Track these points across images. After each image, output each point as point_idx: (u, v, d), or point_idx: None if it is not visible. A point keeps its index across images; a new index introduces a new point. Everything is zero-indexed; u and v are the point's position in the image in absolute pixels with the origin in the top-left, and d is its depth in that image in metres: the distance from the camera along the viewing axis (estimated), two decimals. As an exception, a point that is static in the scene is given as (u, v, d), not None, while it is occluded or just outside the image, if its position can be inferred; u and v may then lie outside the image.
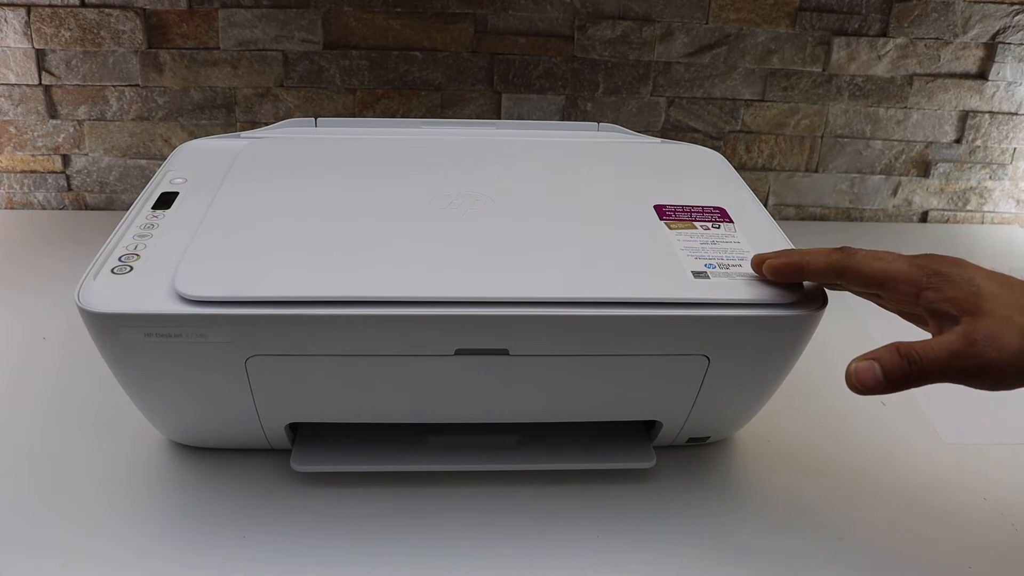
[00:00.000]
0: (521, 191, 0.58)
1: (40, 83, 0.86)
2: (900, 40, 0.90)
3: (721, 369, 0.50)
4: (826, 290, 0.50)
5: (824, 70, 0.91)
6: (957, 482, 0.58)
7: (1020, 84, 0.92)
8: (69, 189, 0.92)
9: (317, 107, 0.90)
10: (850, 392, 0.67)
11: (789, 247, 0.54)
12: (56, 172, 0.91)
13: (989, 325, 0.41)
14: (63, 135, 0.89)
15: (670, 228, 0.54)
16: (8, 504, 0.53)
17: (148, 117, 0.89)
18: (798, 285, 0.49)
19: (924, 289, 0.43)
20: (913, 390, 0.68)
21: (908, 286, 0.44)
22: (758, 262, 0.49)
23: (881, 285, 0.45)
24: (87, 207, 0.94)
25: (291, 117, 0.83)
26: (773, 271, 0.49)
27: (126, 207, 0.61)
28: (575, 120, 0.92)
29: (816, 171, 0.97)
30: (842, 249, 0.47)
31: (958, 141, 0.96)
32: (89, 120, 0.88)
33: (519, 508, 0.54)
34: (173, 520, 0.52)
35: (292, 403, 0.52)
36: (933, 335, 0.43)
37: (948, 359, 0.41)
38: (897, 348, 0.42)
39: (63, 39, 0.84)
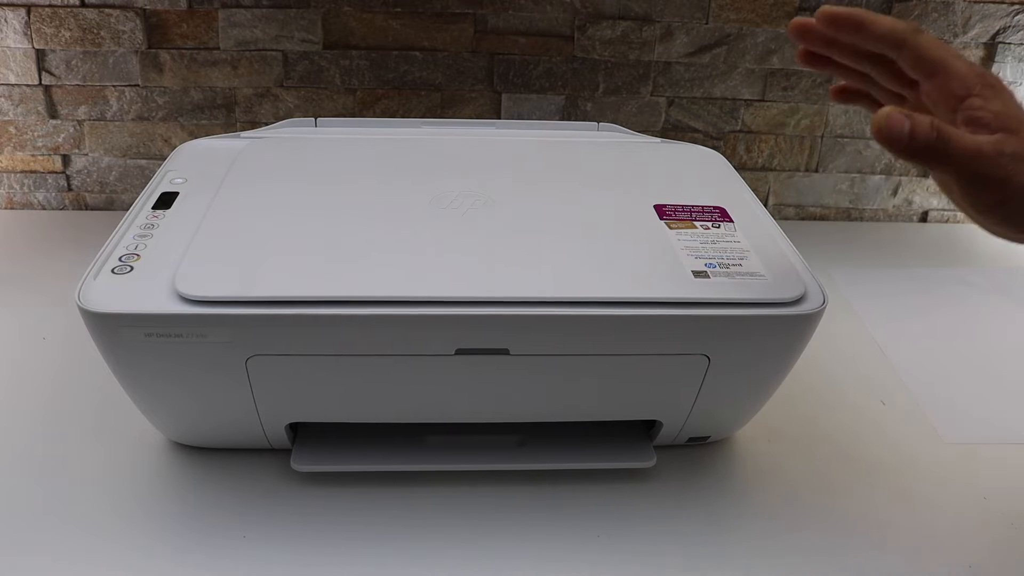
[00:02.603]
0: (521, 191, 0.58)
1: (40, 83, 0.86)
2: (900, 40, 0.90)
3: (721, 369, 0.50)
4: (825, 291, 0.50)
5: (824, 70, 0.91)
6: (957, 482, 0.58)
7: (1020, 84, 0.92)
8: (69, 189, 0.92)
9: (317, 107, 0.90)
10: (849, 391, 0.67)
11: (789, 247, 0.54)
12: (56, 172, 0.91)
13: (1021, 145, 0.41)
14: (63, 135, 0.89)
15: (670, 228, 0.54)
16: (8, 504, 0.53)
17: (148, 117, 0.89)
18: (800, 284, 0.49)
19: (974, 95, 0.43)
20: (913, 390, 0.68)
21: (960, 84, 0.43)
22: (820, 12, 0.45)
23: (934, 72, 0.43)
24: (87, 207, 0.93)
25: (291, 117, 0.83)
26: (828, 17, 0.45)
27: (126, 207, 0.61)
28: (575, 120, 0.92)
29: (816, 171, 0.97)
30: (911, 23, 0.44)
31: (958, 141, 0.96)
32: (89, 120, 0.88)
33: (519, 508, 0.54)
34: (173, 520, 0.52)
35: (292, 403, 0.52)
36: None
37: (972, 154, 0.41)
38: (932, 120, 0.41)
39: (63, 39, 0.84)
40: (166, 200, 0.56)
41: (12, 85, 0.86)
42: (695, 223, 0.55)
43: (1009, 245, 0.95)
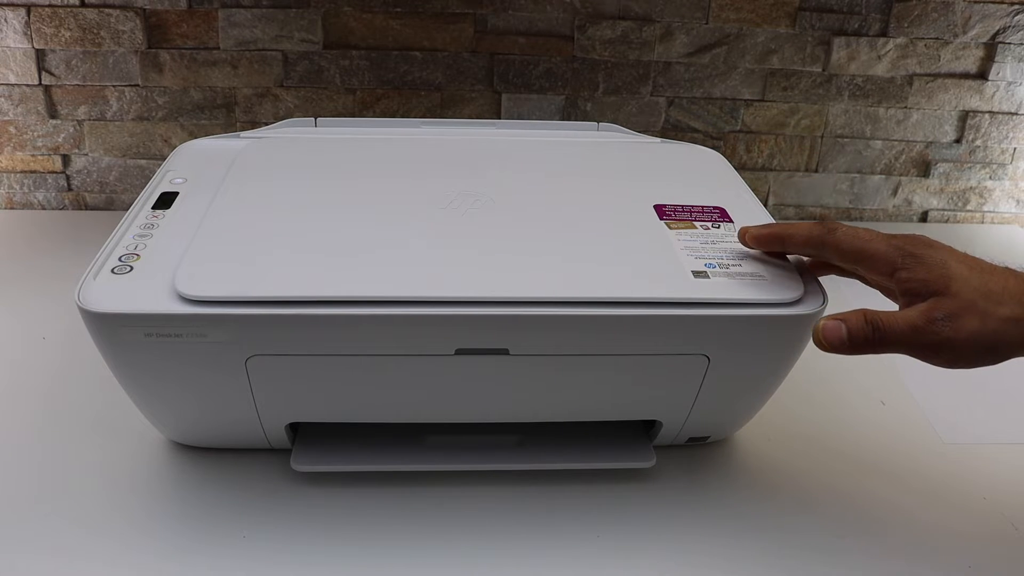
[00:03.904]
0: (521, 191, 0.58)
1: (40, 83, 0.86)
2: (900, 40, 0.90)
3: (721, 369, 0.50)
4: (825, 290, 0.50)
5: (824, 70, 0.91)
6: (957, 482, 0.58)
7: (1020, 84, 0.92)
8: (69, 189, 0.92)
9: (317, 107, 0.90)
10: (849, 391, 0.67)
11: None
12: (56, 172, 0.91)
13: (951, 305, 0.43)
14: (63, 135, 0.89)
15: (670, 228, 0.54)
16: (8, 504, 0.53)
17: (148, 117, 0.89)
18: (799, 284, 0.49)
19: (898, 269, 0.46)
20: (913, 390, 0.68)
21: (884, 265, 0.46)
22: (743, 233, 0.52)
23: (859, 261, 0.47)
24: (87, 207, 0.94)
25: (291, 117, 0.83)
26: (755, 240, 0.51)
27: (126, 207, 0.61)
28: (575, 120, 0.92)
29: (816, 171, 0.97)
30: (824, 223, 0.49)
31: (958, 141, 0.96)
32: (89, 120, 0.88)
33: (519, 508, 0.54)
34: (173, 520, 0.52)
35: (292, 403, 0.52)
36: (901, 310, 0.46)
37: (908, 332, 0.44)
38: (864, 314, 0.45)
39: (63, 39, 0.84)
40: (166, 200, 0.56)
41: (12, 85, 0.86)
42: (695, 223, 0.55)
43: (1009, 245, 0.96)
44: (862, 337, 0.45)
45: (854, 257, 0.47)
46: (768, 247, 0.51)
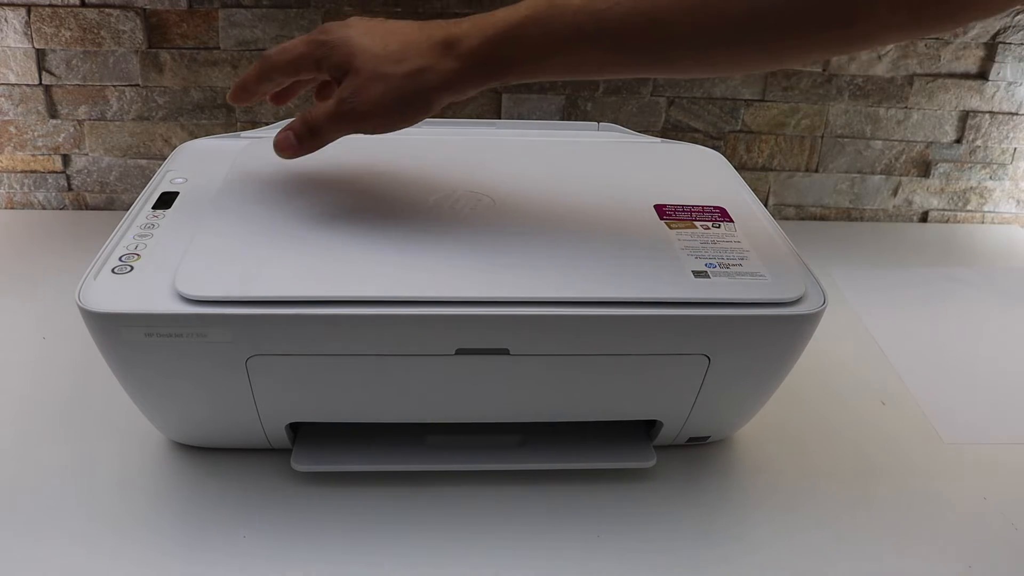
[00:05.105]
0: (521, 191, 0.58)
1: (40, 83, 0.86)
2: (900, 40, 0.90)
3: (721, 369, 0.50)
4: (824, 290, 0.50)
5: (824, 70, 0.91)
6: (957, 482, 0.58)
7: (1020, 84, 0.92)
8: (69, 189, 0.92)
9: (317, 107, 0.90)
10: (849, 391, 0.67)
11: (789, 247, 0.54)
12: (56, 172, 0.91)
13: (354, 82, 0.47)
14: (63, 135, 0.89)
15: (670, 228, 0.54)
16: (8, 504, 0.53)
17: (148, 117, 0.89)
18: (800, 284, 0.49)
19: (319, 60, 0.48)
20: (913, 390, 0.68)
21: (310, 63, 0.49)
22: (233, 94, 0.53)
23: (297, 71, 0.50)
24: (87, 207, 0.93)
25: (291, 117, 0.83)
26: (234, 96, 0.53)
27: (126, 207, 0.61)
28: (575, 120, 0.92)
29: (816, 171, 0.97)
30: (262, 55, 0.51)
31: (958, 141, 0.96)
32: (89, 120, 0.88)
33: (519, 508, 0.54)
34: (173, 520, 0.52)
35: (292, 403, 0.52)
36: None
37: (331, 117, 0.48)
38: (303, 115, 0.49)
39: (63, 39, 0.84)
40: (166, 200, 0.56)
41: (12, 85, 0.86)
42: (695, 223, 0.55)
43: (1009, 245, 0.96)
44: (304, 134, 0.49)
45: (291, 69, 0.50)
46: (244, 98, 0.53)
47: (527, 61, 0.45)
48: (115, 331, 0.46)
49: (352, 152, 0.63)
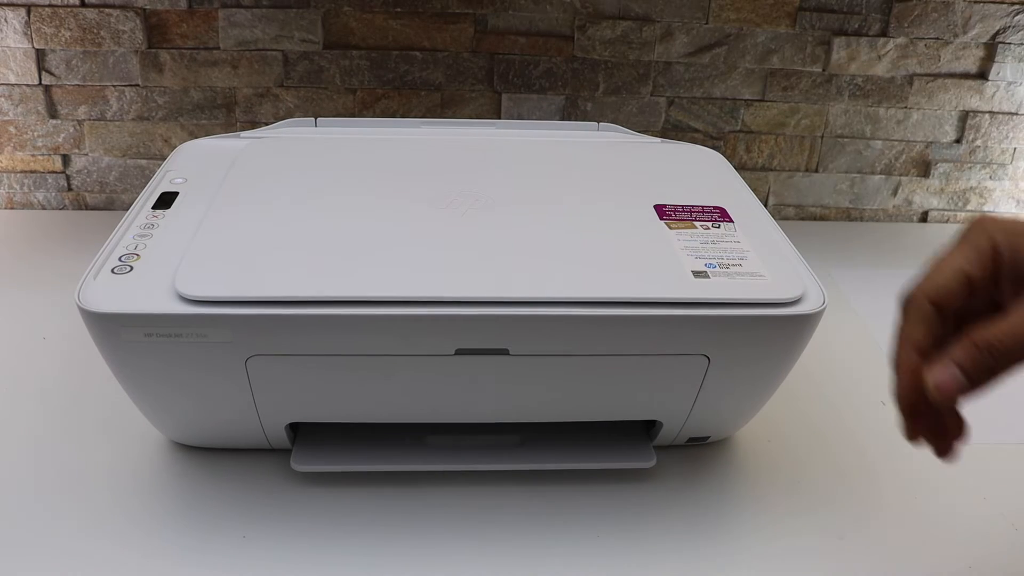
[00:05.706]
0: (521, 191, 0.58)
1: (40, 83, 0.86)
2: (900, 40, 0.90)
3: (721, 369, 0.50)
4: (824, 289, 0.50)
5: (824, 70, 0.91)
6: (957, 482, 0.58)
7: (1020, 84, 0.92)
8: (69, 189, 0.92)
9: (317, 107, 0.90)
10: (849, 391, 0.67)
11: (789, 247, 0.54)
12: (56, 172, 0.91)
13: None
14: (63, 135, 0.89)
15: (670, 228, 0.54)
16: (8, 504, 0.53)
17: (148, 117, 0.89)
18: (799, 284, 0.49)
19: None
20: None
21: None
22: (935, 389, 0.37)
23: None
24: (87, 207, 0.93)
25: (291, 117, 0.83)
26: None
27: (126, 207, 0.61)
28: (575, 120, 0.92)
29: (816, 171, 0.97)
30: (973, 343, 0.36)
31: (958, 141, 0.96)
32: (89, 120, 0.88)
33: (519, 508, 0.54)
34: (173, 520, 0.52)
35: (292, 403, 0.52)
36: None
37: (1019, 335, 0.35)
38: (973, 341, 0.35)
39: (63, 39, 0.84)
40: (166, 200, 0.56)
41: (12, 85, 0.86)
42: (695, 223, 0.55)
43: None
44: (983, 369, 0.35)
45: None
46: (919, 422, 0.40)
47: None
48: (115, 331, 0.46)
49: (352, 152, 0.64)
